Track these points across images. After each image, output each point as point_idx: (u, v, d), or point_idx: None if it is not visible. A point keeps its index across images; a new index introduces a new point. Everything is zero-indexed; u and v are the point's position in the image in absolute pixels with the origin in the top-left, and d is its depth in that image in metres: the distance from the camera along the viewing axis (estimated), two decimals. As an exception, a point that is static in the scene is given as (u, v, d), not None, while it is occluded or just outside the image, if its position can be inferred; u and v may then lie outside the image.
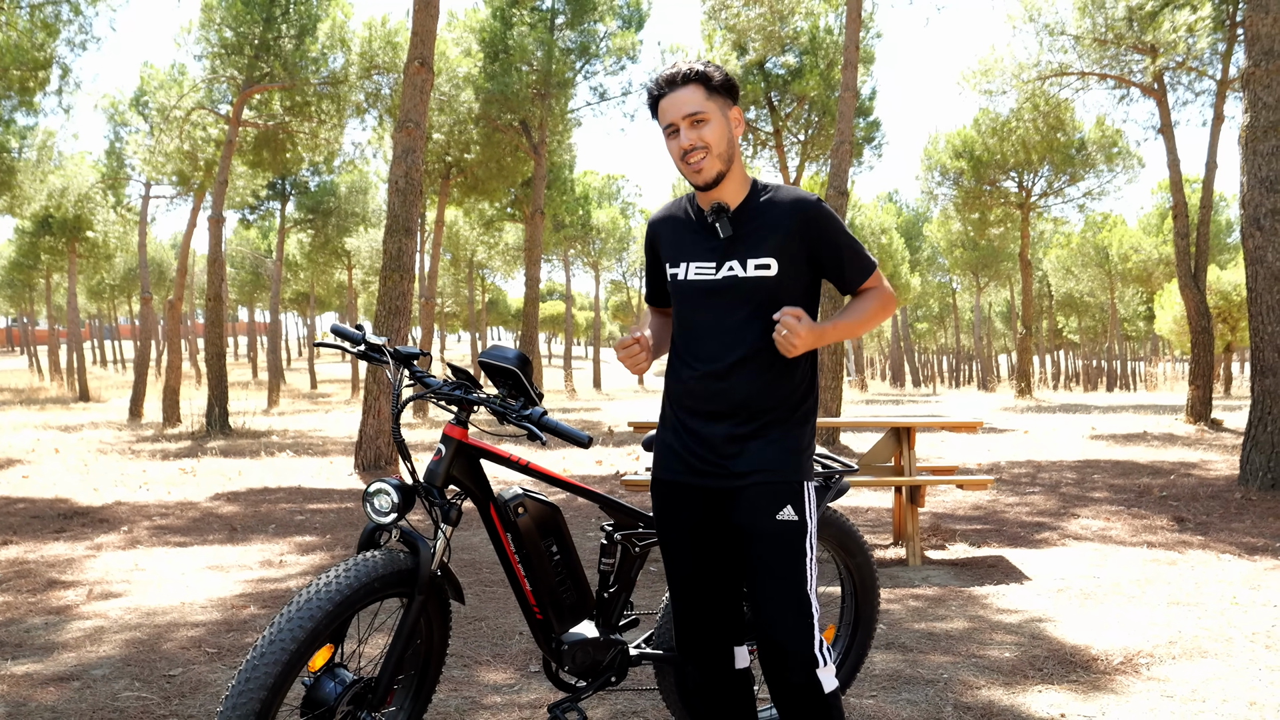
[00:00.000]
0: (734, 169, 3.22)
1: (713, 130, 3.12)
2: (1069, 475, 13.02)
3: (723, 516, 3.24)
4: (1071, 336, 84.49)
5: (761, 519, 3.11)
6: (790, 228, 3.16)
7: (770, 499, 3.12)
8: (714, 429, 3.21)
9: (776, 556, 3.11)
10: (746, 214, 3.22)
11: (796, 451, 3.20)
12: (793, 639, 3.09)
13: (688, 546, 3.32)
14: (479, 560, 7.91)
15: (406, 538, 3.25)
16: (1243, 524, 9.28)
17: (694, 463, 3.24)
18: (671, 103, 3.14)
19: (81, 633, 5.95)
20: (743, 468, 3.16)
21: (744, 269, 3.16)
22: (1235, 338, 36.45)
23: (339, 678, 3.10)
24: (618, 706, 4.63)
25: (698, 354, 3.23)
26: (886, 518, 9.97)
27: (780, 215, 3.18)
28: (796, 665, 3.09)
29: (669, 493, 3.33)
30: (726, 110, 3.17)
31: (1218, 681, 4.86)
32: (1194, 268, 22.79)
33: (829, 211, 3.20)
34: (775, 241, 3.16)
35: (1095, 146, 37.52)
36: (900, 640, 5.66)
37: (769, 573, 3.12)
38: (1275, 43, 11.20)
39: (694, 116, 3.11)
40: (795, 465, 3.18)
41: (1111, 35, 24.28)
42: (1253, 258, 11.28)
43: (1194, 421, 21.60)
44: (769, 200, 3.22)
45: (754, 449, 3.17)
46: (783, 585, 3.11)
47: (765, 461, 3.15)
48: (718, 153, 3.14)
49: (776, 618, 3.10)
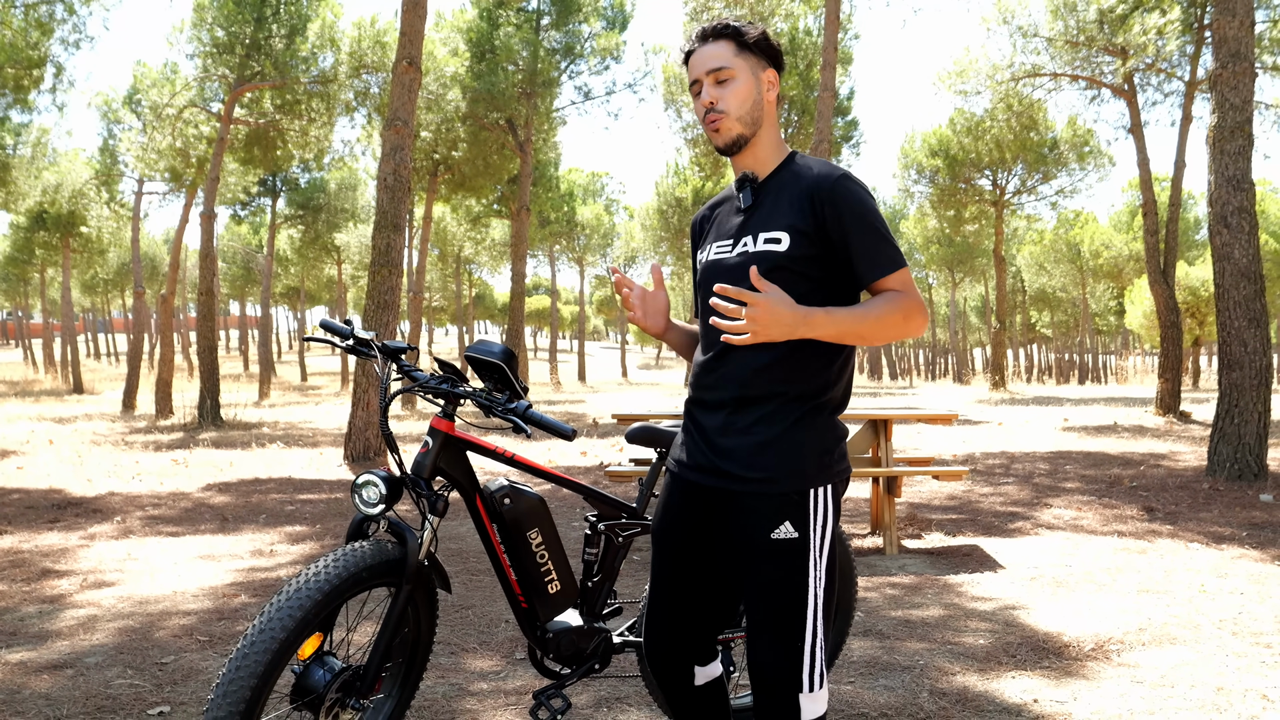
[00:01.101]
0: (763, 135, 2.87)
1: (737, 90, 2.79)
2: (1041, 466, 13.05)
3: (721, 522, 2.88)
4: (1044, 331, 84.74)
5: (755, 536, 2.72)
6: (805, 202, 2.73)
7: (766, 514, 2.71)
8: (712, 419, 2.83)
9: (769, 575, 2.72)
10: (772, 185, 2.85)
11: (801, 452, 2.72)
12: (774, 660, 2.73)
13: (678, 548, 3.00)
14: (466, 550, 7.90)
15: (394, 528, 3.23)
16: (1210, 514, 9.31)
17: (695, 455, 2.89)
18: (699, 58, 2.83)
19: (75, 621, 5.92)
20: (737, 470, 2.75)
21: (755, 244, 2.78)
22: (1203, 332, 36.60)
23: (328, 665, 3.09)
24: (601, 693, 4.63)
25: (707, 336, 2.89)
26: (864, 507, 9.98)
27: (801, 188, 2.76)
28: (775, 686, 2.75)
29: (670, 484, 3.04)
30: (760, 71, 2.84)
31: (1186, 667, 4.88)
32: (1163, 264, 22.90)
33: (853, 189, 2.73)
34: (790, 215, 2.74)
35: (1067, 146, 37.69)
36: (877, 627, 5.66)
37: (758, 591, 2.74)
38: (1242, 45, 11.24)
39: (718, 73, 2.79)
40: (799, 471, 2.71)
41: (1083, 37, 24.35)
42: (1220, 254, 11.32)
43: (1163, 414, 21.71)
44: (796, 172, 2.82)
45: (750, 450, 2.74)
46: (771, 605, 2.72)
47: (761, 468, 2.72)
48: (738, 115, 2.79)
49: (758, 635, 2.75)
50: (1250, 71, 11.26)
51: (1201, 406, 24.38)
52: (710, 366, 2.85)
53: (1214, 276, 11.46)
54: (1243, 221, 11.15)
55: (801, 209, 2.73)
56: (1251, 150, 11.23)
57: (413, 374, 3.42)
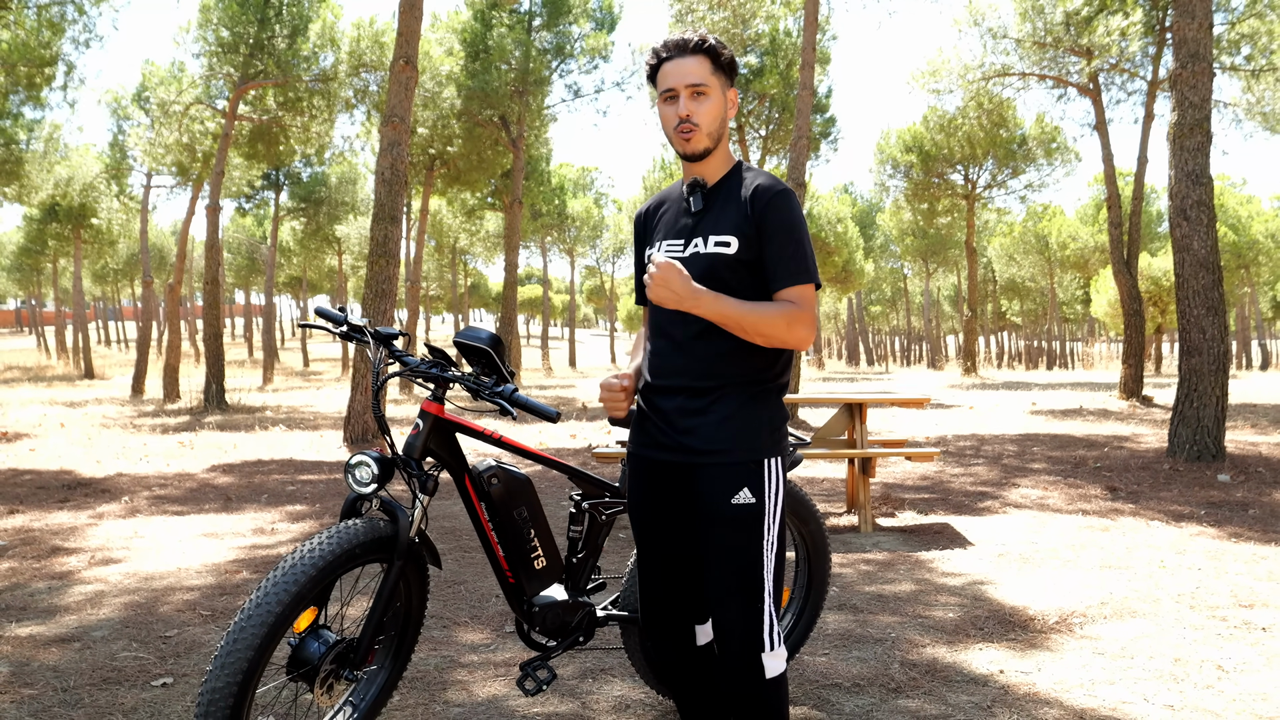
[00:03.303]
0: (720, 148, 3.01)
1: (711, 108, 2.93)
2: (1010, 448, 13.08)
3: (684, 494, 3.03)
4: (1014, 319, 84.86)
5: (718, 502, 2.89)
6: (749, 209, 2.90)
7: (726, 482, 2.89)
8: (669, 402, 2.99)
9: (731, 540, 2.90)
10: (720, 192, 3.00)
11: (755, 428, 2.93)
12: (739, 622, 2.90)
13: (653, 521, 3.14)
14: (457, 528, 7.88)
15: (386, 507, 3.23)
16: (1170, 493, 9.34)
17: (657, 436, 3.04)
18: (677, 68, 2.91)
19: (83, 596, 5.90)
20: (699, 445, 2.92)
21: (705, 245, 2.93)
22: (1165, 320, 36.70)
23: (323, 638, 3.08)
24: (586, 664, 4.62)
25: (662, 328, 3.01)
26: (840, 487, 9.99)
27: (745, 197, 2.92)
28: (740, 647, 2.91)
29: (638, 467, 3.16)
30: (725, 89, 2.98)
31: (1146, 639, 4.89)
32: (1126, 255, 22.98)
33: (789, 204, 2.91)
34: (736, 221, 2.91)
35: (1035, 142, 37.72)
36: (851, 602, 5.66)
37: (722, 555, 2.91)
38: (1201, 46, 11.24)
39: (696, 87, 2.90)
40: (753, 444, 2.91)
41: (1050, 39, 24.35)
42: (1180, 246, 11.34)
43: (1126, 398, 21.78)
44: (743, 180, 2.99)
45: (709, 426, 2.92)
46: (734, 568, 2.90)
47: (721, 441, 2.90)
48: (708, 130, 2.93)
49: (725, 599, 2.91)
50: (1209, 71, 11.27)
51: (1163, 391, 24.43)
52: (669, 357, 3.00)
53: (1174, 267, 11.48)
54: (1201, 214, 11.16)
55: (745, 215, 2.91)
56: (1210, 146, 11.25)
57: (404, 359, 3.41)
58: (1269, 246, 52.10)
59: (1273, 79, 23.58)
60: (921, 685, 4.31)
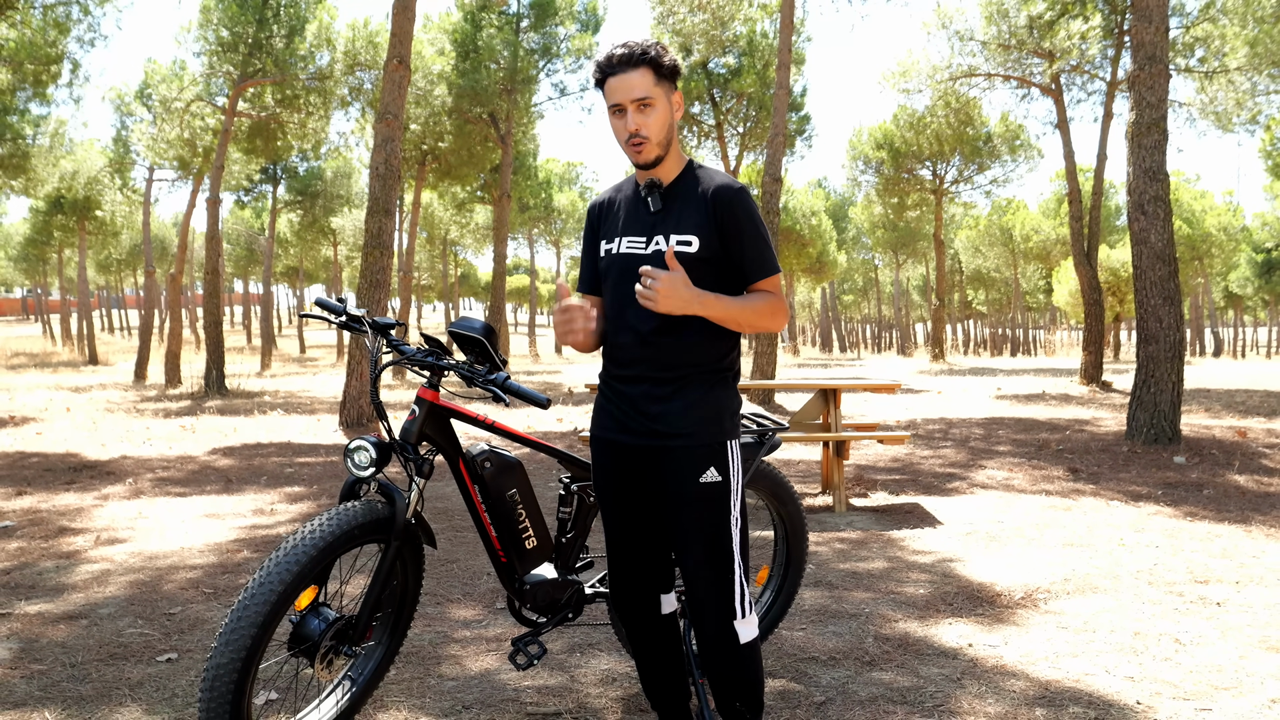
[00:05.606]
0: (671, 151, 3.01)
1: (658, 118, 2.91)
2: (976, 431, 13.12)
3: (652, 475, 3.07)
4: (980, 307, 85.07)
5: (686, 482, 2.97)
6: (709, 210, 2.95)
7: (694, 462, 2.97)
8: (634, 389, 3.04)
9: (701, 517, 2.99)
10: (676, 192, 3.02)
11: (717, 413, 3.02)
12: (713, 593, 3.01)
13: (620, 501, 3.18)
14: (450, 509, 7.86)
15: (384, 489, 3.22)
16: (1129, 474, 9.38)
17: (624, 420, 3.08)
18: (621, 83, 2.88)
19: (89, 575, 5.87)
20: (667, 429, 2.99)
21: (667, 243, 2.96)
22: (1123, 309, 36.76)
23: (323, 615, 3.07)
24: (574, 640, 4.62)
25: (627, 321, 3.03)
26: (815, 469, 10.00)
27: (703, 197, 2.96)
28: (715, 617, 3.01)
29: (603, 449, 3.19)
30: (670, 95, 2.96)
31: (1106, 614, 4.91)
32: (1087, 247, 23.07)
33: (747, 201, 2.98)
34: (697, 220, 2.95)
35: (1000, 139, 37.77)
36: (827, 579, 5.67)
37: (693, 532, 3.00)
38: (1157, 49, 11.26)
39: (642, 101, 2.88)
40: (717, 427, 3.01)
41: (1014, 41, 24.38)
42: (1138, 239, 11.37)
43: (1087, 383, 21.87)
44: (697, 181, 3.01)
45: (676, 411, 2.99)
46: (706, 543, 2.99)
47: (687, 425, 2.98)
48: (657, 140, 2.93)
49: (699, 573, 3.00)
50: (1165, 73, 11.29)
51: (1121, 377, 24.54)
52: (633, 348, 3.04)
53: (1132, 259, 11.51)
54: (1158, 209, 11.20)
55: (706, 214, 2.96)
56: (1166, 144, 11.28)
57: (400, 348, 3.40)
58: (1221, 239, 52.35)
59: (1225, 80, 23.65)
60: (894, 658, 4.32)
